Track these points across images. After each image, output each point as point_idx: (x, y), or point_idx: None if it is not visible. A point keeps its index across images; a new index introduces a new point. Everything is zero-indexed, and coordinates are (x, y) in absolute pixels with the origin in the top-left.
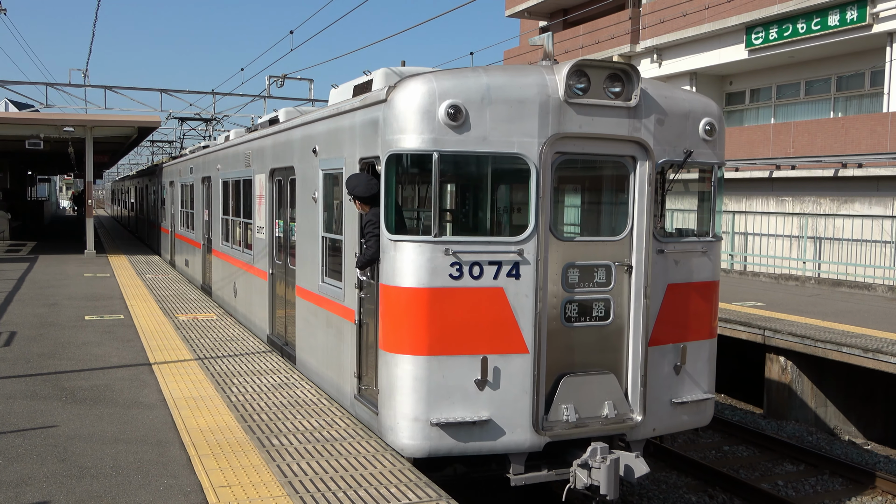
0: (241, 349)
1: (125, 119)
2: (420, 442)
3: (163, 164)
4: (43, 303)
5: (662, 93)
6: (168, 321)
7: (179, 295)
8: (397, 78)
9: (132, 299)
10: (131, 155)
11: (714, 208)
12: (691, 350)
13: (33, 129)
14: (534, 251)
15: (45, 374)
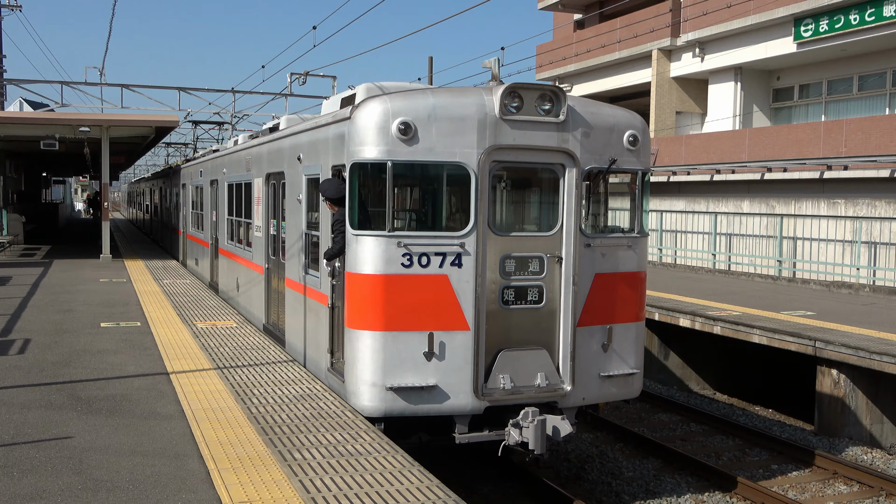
0: (261, 358)
1: (142, 118)
2: (377, 404)
3: (180, 165)
4: (58, 309)
5: (589, 109)
6: (186, 329)
7: (198, 301)
8: (378, 92)
9: (149, 306)
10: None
11: (640, 208)
12: (618, 331)
13: (48, 129)
14: (473, 244)
15: (60, 384)
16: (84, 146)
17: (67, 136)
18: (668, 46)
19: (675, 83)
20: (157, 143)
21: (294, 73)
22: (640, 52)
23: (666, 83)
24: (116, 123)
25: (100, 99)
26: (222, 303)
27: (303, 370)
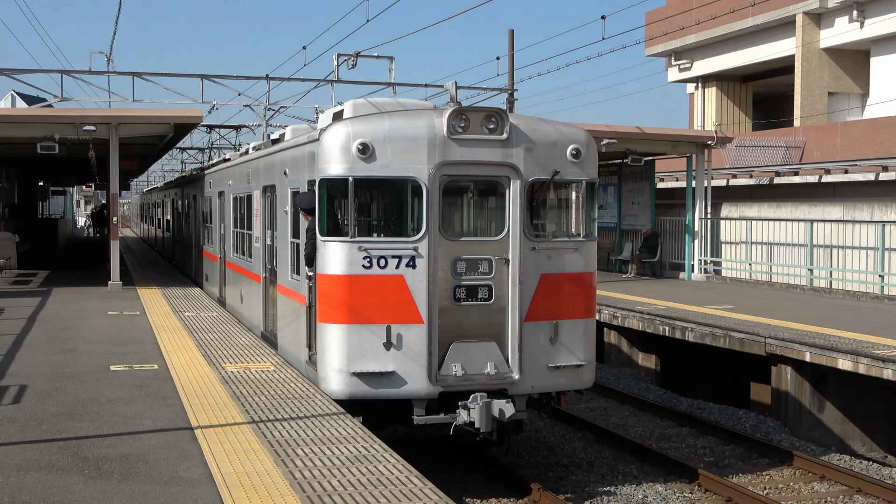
0: (305, 410)
1: (158, 114)
2: (343, 388)
3: (203, 170)
4: (59, 348)
5: (531, 126)
6: (213, 372)
7: (227, 339)
8: (370, 109)
9: (168, 344)
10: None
11: (586, 214)
12: (565, 326)
13: (46, 128)
14: (426, 248)
15: (62, 440)
16: (89, 149)
17: (69, 136)
18: (817, 9)
19: (827, 56)
20: (177, 143)
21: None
22: (780, 17)
23: (814, 56)
24: (127, 120)
25: (107, 91)
26: (255, 340)
27: (358, 427)
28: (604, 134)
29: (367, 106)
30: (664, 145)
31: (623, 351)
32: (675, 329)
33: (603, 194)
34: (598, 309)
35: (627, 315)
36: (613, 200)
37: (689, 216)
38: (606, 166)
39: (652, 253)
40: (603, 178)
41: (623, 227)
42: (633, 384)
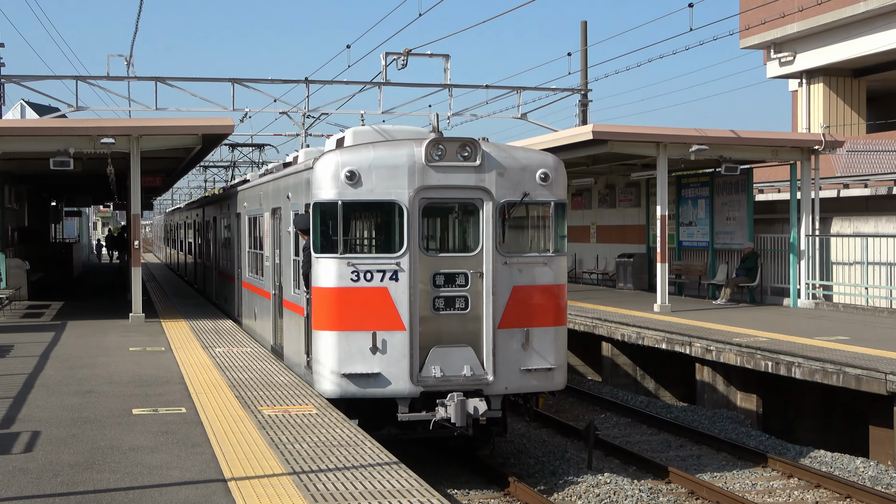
0: (353, 459)
1: (185, 123)
2: (335, 387)
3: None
4: (75, 390)
5: (503, 153)
6: (248, 416)
7: (263, 378)
8: (366, 135)
9: (197, 384)
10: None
11: (555, 232)
12: (536, 333)
13: (59, 142)
14: (408, 263)
15: (80, 494)
16: (107, 164)
17: (85, 150)
18: None
19: None
20: (205, 156)
21: (391, 54)
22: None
23: None
24: (150, 131)
25: (127, 98)
26: (295, 380)
27: (415, 479)
28: (692, 139)
29: (369, 133)
30: (763, 151)
31: (718, 390)
32: (779, 364)
33: (692, 209)
34: (688, 342)
35: (723, 349)
36: (705, 216)
37: (794, 233)
38: (696, 176)
39: (751, 276)
40: (692, 189)
41: (716, 245)
42: (730, 428)
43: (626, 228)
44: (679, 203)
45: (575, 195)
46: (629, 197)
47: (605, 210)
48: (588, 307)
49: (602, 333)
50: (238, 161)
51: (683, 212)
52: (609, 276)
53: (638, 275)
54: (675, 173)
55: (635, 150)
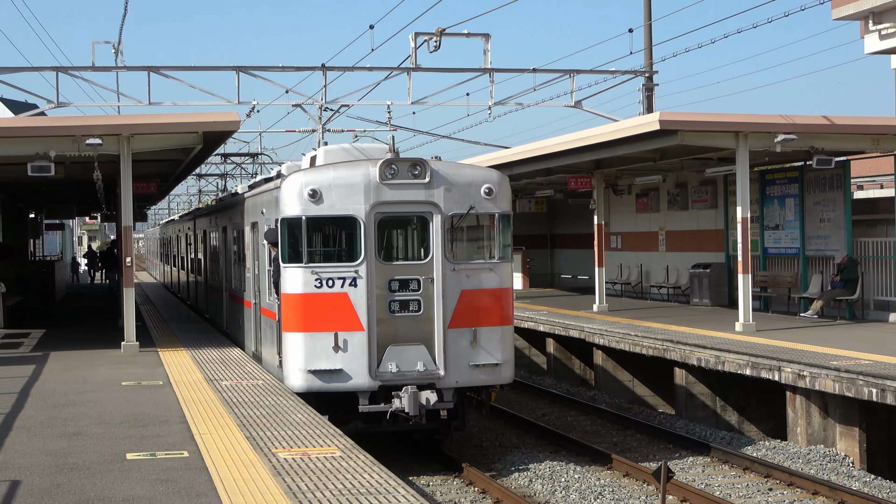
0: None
1: (182, 120)
2: (302, 382)
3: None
4: (60, 431)
5: (450, 170)
6: (261, 461)
7: (277, 415)
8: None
9: (201, 424)
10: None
11: (500, 241)
12: (484, 332)
13: (38, 143)
14: (365, 271)
15: None
16: (94, 169)
17: (68, 153)
18: None
19: None
20: (207, 157)
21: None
22: None
23: None
24: (143, 129)
25: (116, 92)
26: (313, 417)
27: None
28: (778, 128)
29: (338, 152)
30: (862, 140)
31: (814, 423)
32: (885, 392)
33: (779, 210)
34: (777, 367)
35: (819, 374)
36: (794, 218)
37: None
38: (782, 171)
39: (850, 288)
40: (778, 187)
41: (808, 252)
42: (828, 467)
43: (700, 234)
44: (763, 203)
45: (640, 196)
46: (704, 197)
47: (676, 213)
48: (657, 327)
49: (674, 358)
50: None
51: (768, 213)
52: (681, 291)
53: (715, 288)
54: (758, 168)
55: (710, 141)
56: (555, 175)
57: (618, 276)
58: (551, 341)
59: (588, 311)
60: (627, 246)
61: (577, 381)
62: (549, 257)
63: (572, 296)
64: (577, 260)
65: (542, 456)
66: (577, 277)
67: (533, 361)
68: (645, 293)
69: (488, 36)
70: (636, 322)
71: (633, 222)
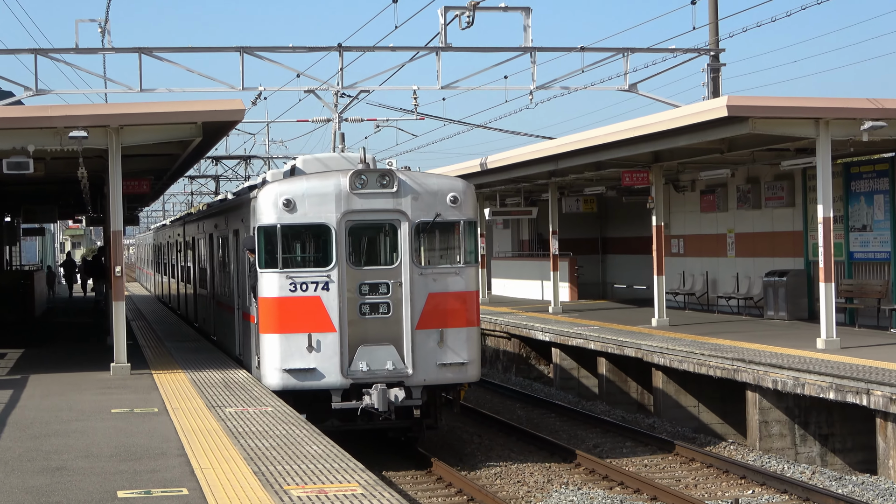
0: None
1: (179, 108)
2: (278, 381)
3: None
4: (41, 466)
5: (417, 180)
6: (271, 500)
7: (288, 446)
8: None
9: (202, 457)
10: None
11: (465, 247)
12: (450, 333)
13: (14, 137)
14: (336, 275)
15: None
16: (78, 166)
17: (48, 147)
18: None
19: None
20: (207, 151)
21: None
22: None
23: None
24: (134, 119)
25: (103, 78)
26: (330, 449)
27: None
28: (864, 113)
29: (314, 163)
30: None
31: None
32: None
33: (866, 208)
34: (865, 389)
35: None
36: (884, 217)
37: None
38: (870, 164)
39: None
40: (866, 181)
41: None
42: None
43: (775, 236)
44: (848, 201)
45: (705, 193)
46: (779, 194)
47: (747, 212)
48: (725, 344)
49: (746, 380)
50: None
51: (854, 212)
52: (754, 302)
53: (793, 299)
54: (842, 160)
55: (786, 129)
56: (607, 169)
57: (680, 286)
58: (603, 361)
59: (646, 327)
60: (691, 251)
61: (633, 406)
62: (601, 264)
63: (627, 308)
64: (632, 267)
65: (593, 493)
66: (632, 287)
67: (582, 384)
68: (711, 305)
69: (529, 10)
70: (701, 338)
71: (698, 223)
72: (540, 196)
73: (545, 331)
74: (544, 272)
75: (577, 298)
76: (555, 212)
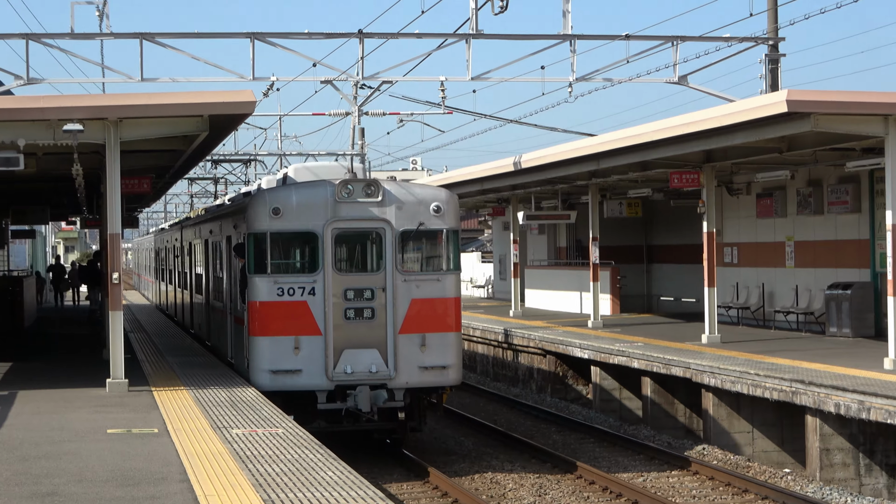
0: None
1: (183, 100)
2: (266, 381)
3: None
4: (30, 491)
5: (401, 190)
6: None
7: (302, 471)
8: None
9: (206, 483)
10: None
11: (447, 255)
12: (432, 337)
13: (3, 130)
14: (322, 281)
15: None
16: (73, 162)
17: (40, 141)
18: None
19: None
20: (213, 147)
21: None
22: None
23: None
24: (134, 112)
25: (100, 66)
26: (348, 476)
27: None
28: None
29: (305, 172)
30: None
31: None
32: None
33: None
34: None
35: None
36: None
37: None
38: None
39: None
40: None
41: None
42: None
43: (839, 245)
44: None
45: (761, 196)
46: (843, 198)
47: (808, 218)
48: (783, 364)
49: (805, 403)
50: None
51: None
52: (815, 318)
53: (858, 315)
54: None
55: (852, 127)
56: (653, 170)
57: (733, 299)
58: (648, 381)
59: (695, 344)
60: (745, 260)
61: (680, 431)
62: (646, 274)
63: (675, 323)
64: (680, 278)
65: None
66: (680, 300)
67: (624, 406)
68: (768, 320)
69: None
70: (756, 357)
71: (753, 230)
72: (579, 199)
73: (584, 347)
74: (583, 283)
75: (619, 312)
76: (595, 216)
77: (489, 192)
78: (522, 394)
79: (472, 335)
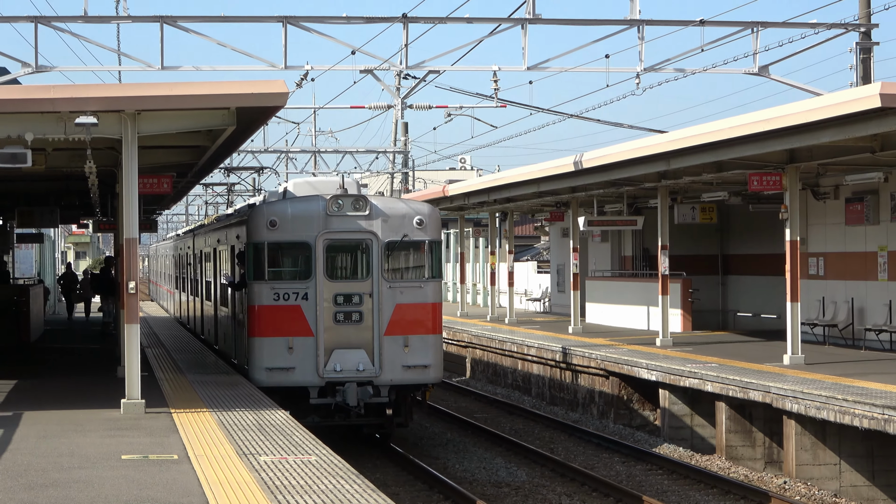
0: None
1: (208, 91)
2: (264, 378)
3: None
4: None
5: (387, 205)
6: None
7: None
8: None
9: None
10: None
11: (429, 264)
12: (415, 339)
13: (9, 123)
14: (314, 287)
15: None
16: (86, 159)
17: (51, 136)
18: None
19: None
20: (241, 143)
21: None
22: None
23: None
24: (154, 104)
25: (116, 53)
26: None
27: None
28: None
29: (304, 186)
30: None
31: None
32: None
33: None
34: None
35: None
36: None
37: None
38: None
39: None
40: None
41: None
42: None
43: None
44: None
45: (851, 201)
46: None
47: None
48: (874, 388)
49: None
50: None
51: None
52: None
53: None
54: None
55: None
56: (730, 171)
57: (818, 315)
58: (723, 406)
59: (776, 365)
60: (833, 272)
61: (759, 462)
62: (721, 287)
63: (753, 342)
64: (760, 291)
65: None
66: (759, 316)
67: (696, 434)
68: (857, 339)
69: None
70: (845, 380)
71: (842, 239)
72: (647, 203)
73: (651, 368)
74: (651, 296)
75: (690, 329)
76: (665, 222)
77: (546, 195)
78: (582, 419)
79: (527, 354)
